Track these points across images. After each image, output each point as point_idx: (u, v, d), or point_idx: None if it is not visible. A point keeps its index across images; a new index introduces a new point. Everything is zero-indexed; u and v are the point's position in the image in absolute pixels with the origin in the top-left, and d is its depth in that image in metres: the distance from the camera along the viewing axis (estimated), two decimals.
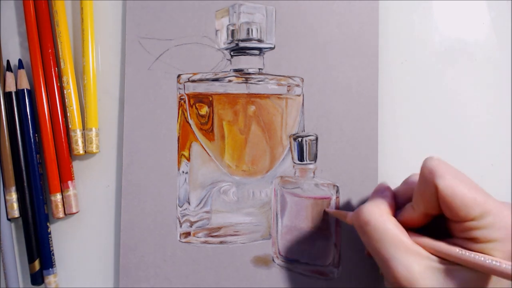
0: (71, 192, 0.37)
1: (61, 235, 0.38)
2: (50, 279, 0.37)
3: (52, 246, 0.37)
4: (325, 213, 0.37)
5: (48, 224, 0.37)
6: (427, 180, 0.28)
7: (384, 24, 0.39)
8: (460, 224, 0.28)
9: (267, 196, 0.38)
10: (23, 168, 0.36)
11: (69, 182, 0.37)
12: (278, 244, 0.38)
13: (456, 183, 0.27)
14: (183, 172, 0.37)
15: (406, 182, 0.33)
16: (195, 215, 0.37)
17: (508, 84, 0.39)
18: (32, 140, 0.36)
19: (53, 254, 0.37)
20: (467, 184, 0.28)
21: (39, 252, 0.36)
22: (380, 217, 0.30)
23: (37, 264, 0.36)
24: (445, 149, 0.39)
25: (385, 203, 0.31)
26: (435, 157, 0.29)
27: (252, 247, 0.38)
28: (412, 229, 0.30)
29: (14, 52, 0.38)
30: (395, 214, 0.31)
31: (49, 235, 0.37)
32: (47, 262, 0.37)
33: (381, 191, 0.32)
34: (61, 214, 0.37)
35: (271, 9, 0.38)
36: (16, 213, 0.36)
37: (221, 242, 0.37)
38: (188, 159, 0.37)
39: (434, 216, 0.30)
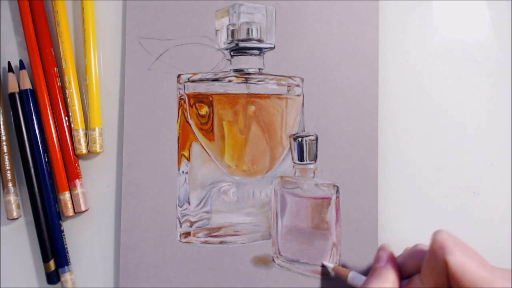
0: (78, 190, 0.37)
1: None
2: (67, 277, 0.37)
3: (66, 244, 0.37)
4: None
5: (60, 222, 0.37)
6: (437, 255, 0.29)
7: (384, 24, 0.39)
8: None
9: (267, 196, 0.38)
10: (31, 167, 0.36)
11: (77, 180, 0.37)
12: (278, 244, 0.38)
13: (466, 259, 0.28)
14: (183, 172, 0.37)
15: (411, 254, 0.33)
16: (195, 215, 0.37)
17: (508, 84, 0.39)
18: (39, 139, 0.37)
19: (67, 252, 0.37)
20: (477, 261, 0.28)
21: (53, 251, 0.36)
22: None
23: (52, 264, 0.36)
24: (445, 149, 0.39)
25: (391, 280, 0.32)
26: (444, 231, 0.30)
27: (252, 247, 0.38)
28: None
29: (15, 53, 0.38)
30: (401, 284, 0.32)
31: (62, 233, 0.37)
32: (62, 260, 0.37)
33: (383, 262, 0.33)
34: (70, 213, 0.37)
35: (271, 9, 0.38)
36: (19, 212, 0.37)
37: (221, 242, 0.37)
38: (188, 159, 0.37)
39: None
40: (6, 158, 0.36)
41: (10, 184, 0.36)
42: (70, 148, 0.37)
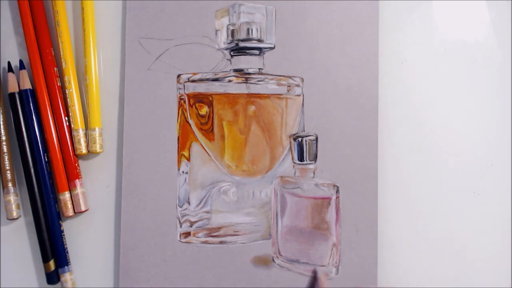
0: (78, 190, 0.37)
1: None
2: (66, 277, 0.37)
3: (66, 244, 0.37)
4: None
5: (60, 222, 0.37)
6: None
7: (384, 24, 0.39)
8: None
9: (267, 196, 0.38)
10: (31, 167, 0.36)
11: (77, 180, 0.37)
12: (278, 244, 0.38)
13: None
14: (183, 172, 0.37)
15: None
16: (195, 215, 0.37)
17: (508, 84, 0.39)
18: (39, 139, 0.37)
19: (67, 252, 0.37)
20: None
21: (53, 251, 0.36)
22: None
23: (52, 264, 0.36)
24: (445, 149, 0.39)
25: None
26: None
27: (252, 247, 0.38)
28: None
29: (15, 53, 0.38)
30: None
31: (62, 233, 0.37)
32: (62, 260, 0.37)
33: None
34: (70, 213, 0.37)
35: (271, 9, 0.38)
36: (19, 212, 0.37)
37: (221, 242, 0.37)
38: (188, 159, 0.37)
39: None
40: (6, 158, 0.36)
41: (10, 184, 0.36)
42: (70, 148, 0.37)
